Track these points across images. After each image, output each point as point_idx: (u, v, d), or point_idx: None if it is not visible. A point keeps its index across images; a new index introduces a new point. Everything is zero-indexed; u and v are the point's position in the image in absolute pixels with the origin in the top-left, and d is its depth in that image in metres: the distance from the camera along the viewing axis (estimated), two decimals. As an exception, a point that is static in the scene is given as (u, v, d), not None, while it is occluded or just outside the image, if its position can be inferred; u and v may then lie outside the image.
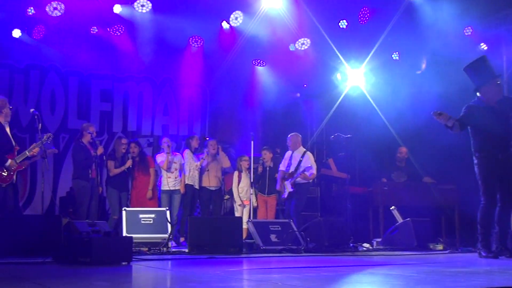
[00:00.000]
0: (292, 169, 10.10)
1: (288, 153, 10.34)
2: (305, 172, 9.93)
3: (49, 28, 10.54)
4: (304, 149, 10.29)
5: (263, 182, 10.67)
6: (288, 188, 10.06)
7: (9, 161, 7.98)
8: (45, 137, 8.32)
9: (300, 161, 10.03)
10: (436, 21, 10.10)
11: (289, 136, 10.42)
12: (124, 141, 10.28)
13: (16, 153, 8.12)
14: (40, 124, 8.17)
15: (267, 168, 10.71)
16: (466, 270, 5.79)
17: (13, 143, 8.16)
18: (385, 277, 5.38)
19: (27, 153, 8.11)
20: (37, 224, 7.48)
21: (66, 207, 10.62)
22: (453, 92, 9.67)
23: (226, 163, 10.81)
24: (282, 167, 10.27)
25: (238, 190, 10.62)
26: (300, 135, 10.52)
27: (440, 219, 10.74)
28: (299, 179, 9.99)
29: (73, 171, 9.62)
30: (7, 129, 8.17)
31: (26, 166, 8.69)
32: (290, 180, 10.03)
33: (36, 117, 8.20)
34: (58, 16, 10.14)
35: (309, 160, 10.09)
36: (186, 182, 10.41)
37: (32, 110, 8.35)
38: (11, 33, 10.54)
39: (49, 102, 11.66)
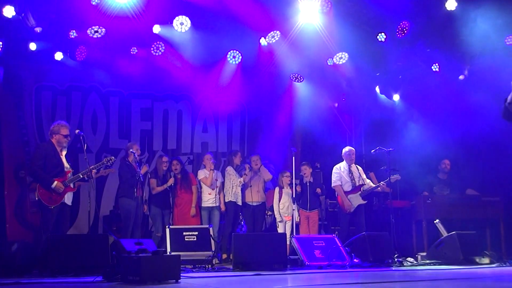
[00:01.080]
0: (358, 181, 10.19)
1: (343, 167, 10.34)
2: (383, 183, 10.04)
3: (90, 50, 10.74)
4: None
5: (304, 198, 10.65)
6: (358, 201, 10.06)
7: (55, 183, 8.14)
8: (104, 160, 8.61)
9: (360, 174, 10.19)
10: (476, 30, 10.03)
11: (347, 150, 10.44)
12: (165, 159, 10.39)
13: (68, 176, 8.29)
14: (85, 145, 8.31)
15: (307, 184, 10.69)
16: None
17: (66, 166, 8.35)
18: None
19: (80, 175, 8.28)
20: (85, 243, 7.61)
21: (110, 225, 10.76)
22: (494, 101, 9.57)
23: (267, 175, 10.85)
24: (338, 181, 10.31)
25: (279, 206, 10.62)
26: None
27: (485, 232, 10.58)
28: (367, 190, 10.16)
29: (118, 189, 9.75)
30: (62, 153, 8.39)
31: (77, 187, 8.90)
32: (362, 192, 10.11)
33: (81, 137, 8.35)
34: (99, 38, 10.33)
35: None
36: (229, 199, 10.46)
37: (77, 131, 8.51)
38: (53, 56, 10.76)
39: (90, 122, 11.84)
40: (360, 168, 10.50)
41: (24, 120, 11.22)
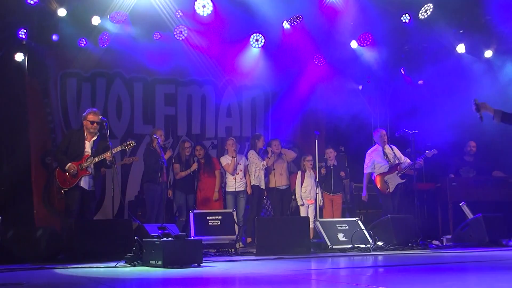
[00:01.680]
0: (394, 161, 10.13)
1: (376, 150, 10.31)
2: (420, 160, 9.96)
3: (113, 36, 10.77)
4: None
5: (328, 181, 10.61)
6: (397, 181, 10.00)
7: (68, 164, 8.24)
8: (122, 145, 8.60)
9: (394, 154, 10.13)
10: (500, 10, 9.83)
11: (378, 132, 10.37)
12: (187, 144, 10.41)
13: (85, 159, 8.35)
14: (108, 131, 8.35)
15: (331, 167, 10.64)
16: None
17: (87, 151, 8.41)
18: (461, 275, 5.25)
19: (96, 159, 8.30)
20: (109, 228, 7.68)
21: (135, 210, 10.84)
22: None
23: (290, 155, 10.86)
24: (368, 169, 10.31)
25: (301, 190, 10.59)
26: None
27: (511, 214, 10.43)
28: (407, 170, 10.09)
29: (143, 174, 9.81)
30: (90, 139, 8.48)
31: (103, 173, 8.98)
32: (399, 171, 10.05)
33: (104, 124, 8.39)
34: (122, 23, 10.34)
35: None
36: (252, 183, 10.46)
37: (100, 117, 8.54)
38: (77, 43, 10.82)
39: (115, 108, 11.90)
40: (395, 148, 10.36)
41: (50, 107, 11.33)
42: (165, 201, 9.66)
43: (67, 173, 8.25)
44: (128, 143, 8.59)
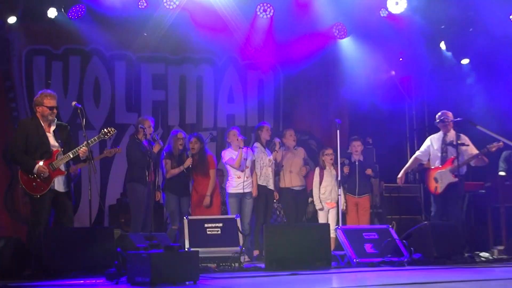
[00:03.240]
0: (450, 155, 9.97)
1: (435, 137, 10.25)
2: (480, 153, 9.78)
3: (89, 6, 10.74)
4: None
5: (352, 180, 10.57)
6: (447, 179, 9.92)
7: (37, 166, 8.01)
8: (101, 133, 8.42)
9: (458, 145, 9.87)
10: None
11: (439, 114, 10.18)
12: (180, 135, 10.34)
13: (55, 157, 8.17)
14: (83, 120, 8.29)
15: (356, 163, 10.60)
16: None
17: (54, 145, 8.18)
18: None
19: (70, 155, 8.18)
20: (85, 238, 7.66)
21: (118, 216, 10.84)
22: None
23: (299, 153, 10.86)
24: (420, 156, 10.29)
25: (319, 191, 10.55)
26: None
27: None
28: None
29: (127, 173, 9.78)
30: (48, 129, 8.22)
31: (75, 172, 8.89)
32: (453, 167, 9.87)
33: (79, 111, 8.32)
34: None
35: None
36: (258, 183, 10.43)
37: (74, 103, 8.44)
38: (46, 13, 10.79)
39: (92, 93, 11.91)
40: (465, 137, 10.00)
41: (13, 92, 11.35)
42: (153, 205, 9.61)
43: (38, 178, 8.05)
44: (107, 130, 8.44)
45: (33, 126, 8.17)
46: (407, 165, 10.48)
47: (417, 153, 10.41)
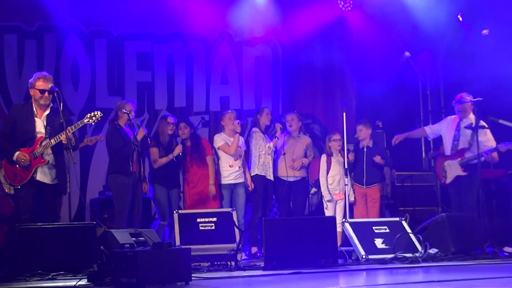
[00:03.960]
0: (462, 144, 10.04)
1: (454, 120, 10.27)
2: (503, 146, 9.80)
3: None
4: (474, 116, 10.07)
5: (360, 169, 10.57)
6: (456, 172, 9.98)
7: (17, 153, 8.15)
8: (86, 117, 8.45)
9: (478, 128, 9.89)
10: None
11: (461, 98, 10.20)
12: (170, 120, 10.36)
13: (38, 144, 8.28)
14: (61, 104, 8.31)
15: (364, 149, 10.61)
16: None
17: (39, 131, 8.30)
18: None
19: (52, 141, 8.25)
20: (64, 235, 7.67)
21: (100, 212, 10.84)
22: None
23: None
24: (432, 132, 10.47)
25: (327, 180, 10.57)
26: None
27: None
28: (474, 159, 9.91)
29: (108, 163, 9.78)
30: (40, 114, 8.37)
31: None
32: (462, 160, 9.97)
33: (55, 95, 8.35)
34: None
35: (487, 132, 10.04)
36: (256, 173, 10.45)
37: (50, 85, 8.50)
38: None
39: (70, 74, 11.87)
40: (484, 124, 10.02)
41: (-19, 75, 11.35)
42: (140, 199, 9.60)
43: (17, 165, 8.19)
44: (92, 113, 8.47)
45: (23, 110, 8.36)
46: (411, 132, 10.56)
47: (428, 126, 10.45)
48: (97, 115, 8.46)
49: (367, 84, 12.66)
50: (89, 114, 8.44)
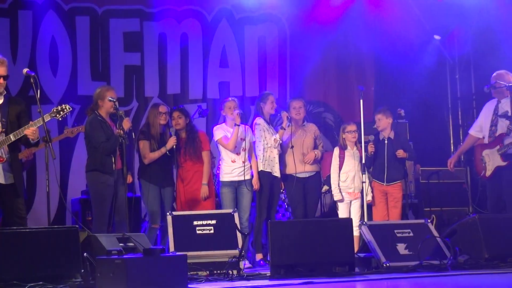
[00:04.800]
0: (500, 129, 9.95)
1: (492, 103, 10.23)
2: None
3: None
4: None
5: (380, 163, 10.55)
6: (496, 162, 9.94)
7: None
8: (53, 110, 8.42)
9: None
10: None
11: (495, 75, 10.11)
12: (162, 109, 10.34)
13: None
14: (38, 91, 8.30)
15: (385, 141, 10.60)
16: None
17: None
18: None
19: (11, 137, 8.15)
20: (43, 241, 7.65)
21: (83, 213, 10.85)
22: None
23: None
24: (472, 131, 10.32)
25: (339, 177, 10.56)
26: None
27: None
28: None
29: (87, 159, 9.75)
30: None
31: (27, 158, 8.89)
32: (501, 148, 9.87)
33: (32, 80, 8.33)
34: None
35: None
36: (261, 169, 10.44)
37: (25, 70, 8.46)
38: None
39: (48, 57, 11.89)
40: None
41: None
42: (126, 199, 9.57)
43: None
44: (60, 108, 8.44)
45: None
46: (462, 146, 10.48)
47: (472, 130, 10.37)
48: (65, 110, 8.41)
49: (387, 66, 12.65)
50: (55, 109, 8.39)
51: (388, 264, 8.50)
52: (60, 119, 8.52)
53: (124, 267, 6.26)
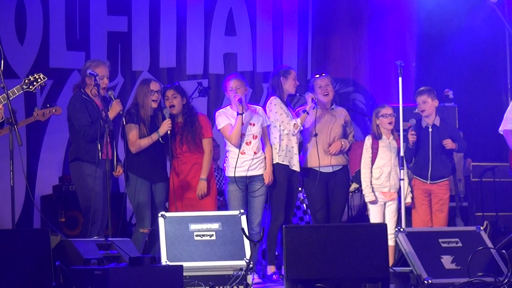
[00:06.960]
0: None
1: None
2: None
3: None
4: None
5: (423, 157, 10.58)
6: None
7: None
8: (23, 82, 8.49)
9: None
10: None
11: None
12: (154, 86, 10.35)
13: None
14: (1, 63, 8.33)
15: (430, 129, 10.61)
16: None
17: None
18: None
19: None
20: (7, 246, 7.70)
21: (55, 213, 10.89)
22: None
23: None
24: (508, 124, 10.35)
25: (371, 173, 10.59)
26: None
27: None
28: None
29: (70, 147, 9.80)
30: None
31: None
32: None
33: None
34: None
35: None
36: (276, 161, 10.45)
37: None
38: None
39: (14, 23, 11.93)
40: None
41: None
42: (110, 196, 9.65)
43: None
44: (33, 77, 8.51)
45: None
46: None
47: (507, 126, 10.40)
48: (39, 80, 8.49)
49: (431, 37, 12.67)
50: (26, 79, 8.47)
51: (430, 281, 8.52)
52: (34, 91, 8.59)
53: (105, 279, 6.29)
